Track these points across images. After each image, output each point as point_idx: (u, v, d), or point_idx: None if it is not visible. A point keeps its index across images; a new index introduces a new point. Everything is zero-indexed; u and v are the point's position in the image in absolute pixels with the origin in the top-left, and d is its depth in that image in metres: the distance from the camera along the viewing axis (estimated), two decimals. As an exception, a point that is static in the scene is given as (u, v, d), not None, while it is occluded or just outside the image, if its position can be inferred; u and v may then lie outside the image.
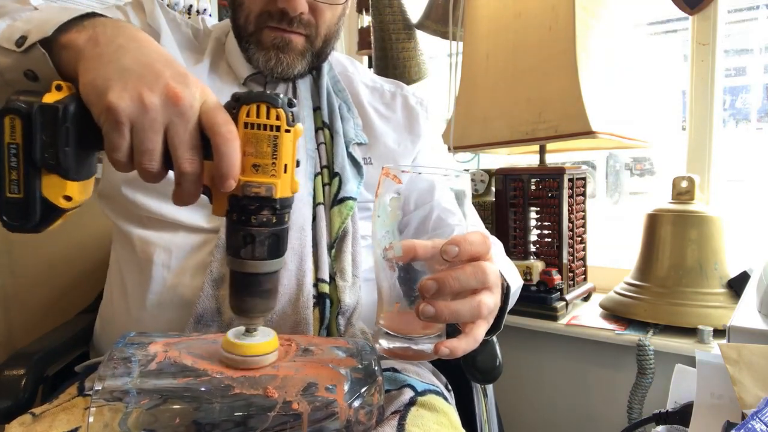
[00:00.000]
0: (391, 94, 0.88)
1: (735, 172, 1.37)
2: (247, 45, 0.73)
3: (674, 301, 1.10)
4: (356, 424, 0.47)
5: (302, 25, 0.71)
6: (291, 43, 0.71)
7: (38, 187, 0.42)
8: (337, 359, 0.51)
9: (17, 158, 0.42)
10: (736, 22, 1.36)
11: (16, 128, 0.41)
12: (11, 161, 0.42)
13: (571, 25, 1.13)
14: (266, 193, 0.45)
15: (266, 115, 0.44)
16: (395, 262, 0.51)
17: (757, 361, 0.63)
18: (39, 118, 0.41)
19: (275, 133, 0.45)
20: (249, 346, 0.48)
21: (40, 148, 0.42)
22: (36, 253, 1.09)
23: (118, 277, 0.75)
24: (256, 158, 0.45)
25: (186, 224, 0.70)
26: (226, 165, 0.43)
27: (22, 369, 0.69)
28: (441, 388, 0.69)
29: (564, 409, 1.27)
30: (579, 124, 1.09)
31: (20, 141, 0.41)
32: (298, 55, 0.73)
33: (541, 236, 1.28)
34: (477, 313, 0.50)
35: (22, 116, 0.41)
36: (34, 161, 0.42)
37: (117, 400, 0.43)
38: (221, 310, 0.66)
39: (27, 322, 1.07)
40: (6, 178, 0.42)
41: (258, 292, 0.48)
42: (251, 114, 0.44)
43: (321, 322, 0.69)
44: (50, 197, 0.43)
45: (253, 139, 0.44)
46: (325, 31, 0.75)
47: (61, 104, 0.42)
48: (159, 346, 0.49)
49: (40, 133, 0.41)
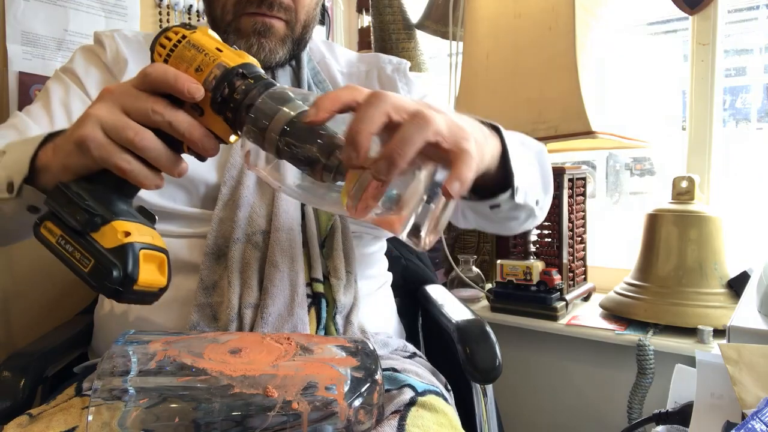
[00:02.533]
0: (366, 74, 0.85)
1: (735, 172, 1.37)
2: (226, 36, 0.72)
3: (674, 301, 1.10)
4: (356, 423, 0.47)
5: (282, 10, 0.70)
6: (272, 28, 0.70)
7: (97, 245, 0.45)
8: (337, 359, 0.51)
9: (67, 242, 0.45)
10: (736, 22, 1.36)
11: (52, 227, 0.46)
12: (67, 248, 0.45)
13: (571, 25, 1.13)
14: (221, 70, 0.46)
15: (169, 39, 0.48)
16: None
17: (757, 361, 0.63)
18: (53, 204, 0.46)
19: (185, 41, 0.48)
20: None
21: (71, 219, 0.45)
22: (36, 253, 1.09)
23: None
24: (191, 65, 0.47)
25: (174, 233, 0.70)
26: (179, 83, 0.45)
27: (21, 369, 0.69)
28: (440, 389, 0.69)
29: (564, 409, 1.27)
30: (579, 124, 1.09)
31: (60, 231, 0.46)
32: (279, 41, 0.72)
33: (541, 236, 1.28)
34: (423, 125, 0.41)
35: (46, 215, 0.47)
36: (78, 232, 0.45)
37: (116, 399, 0.43)
38: (217, 316, 0.66)
39: (27, 322, 1.07)
40: (75, 263, 0.45)
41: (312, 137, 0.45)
42: (162, 47, 0.49)
43: (318, 322, 0.69)
44: (112, 244, 0.45)
45: (177, 58, 0.48)
46: (304, 16, 0.73)
47: (64, 186, 0.47)
48: (158, 344, 0.49)
49: (62, 209, 0.46)
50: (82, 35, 1.13)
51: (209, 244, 0.67)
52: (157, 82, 0.46)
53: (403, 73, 0.85)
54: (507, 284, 1.26)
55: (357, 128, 0.40)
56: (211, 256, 0.67)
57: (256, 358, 0.49)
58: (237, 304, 0.65)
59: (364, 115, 0.41)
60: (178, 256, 0.69)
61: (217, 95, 0.46)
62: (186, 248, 0.70)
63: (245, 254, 0.68)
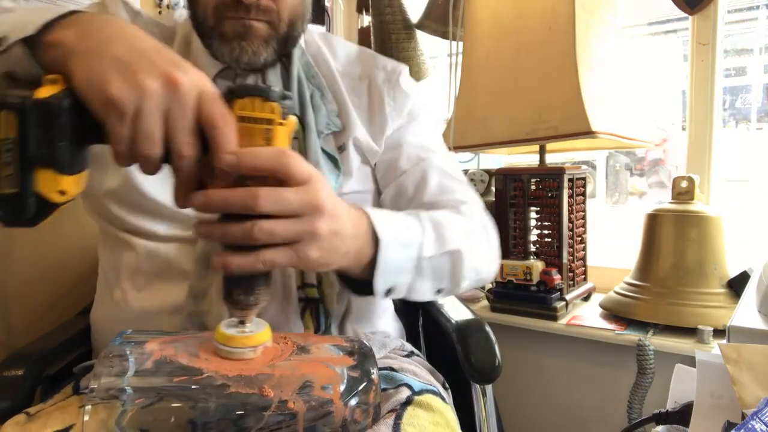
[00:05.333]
0: (358, 78, 0.82)
1: (735, 172, 1.37)
2: (210, 41, 0.70)
3: (674, 301, 1.10)
4: (352, 423, 0.47)
5: (261, 12, 0.68)
6: (252, 29, 0.68)
7: (32, 183, 0.42)
8: (333, 358, 0.51)
9: (11, 153, 0.41)
10: (736, 22, 1.36)
11: (11, 123, 0.41)
12: (5, 157, 0.41)
13: (571, 25, 1.13)
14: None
15: (260, 109, 0.44)
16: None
17: (757, 361, 0.63)
18: (33, 114, 0.41)
19: (269, 127, 0.45)
20: (241, 337, 0.48)
21: (35, 144, 0.41)
22: (36, 253, 1.09)
23: (104, 280, 0.76)
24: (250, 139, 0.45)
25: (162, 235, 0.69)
26: (225, 148, 0.43)
27: (21, 369, 0.69)
28: (438, 388, 0.69)
29: (564, 409, 1.27)
30: (579, 124, 1.09)
31: (15, 136, 0.41)
32: (262, 43, 0.69)
33: (541, 236, 1.27)
34: (247, 233, 0.45)
35: (16, 111, 0.41)
36: (28, 157, 0.41)
37: (113, 399, 0.43)
38: (207, 324, 0.65)
39: (27, 322, 1.07)
40: (1, 174, 0.41)
41: (251, 283, 0.48)
42: (245, 107, 0.44)
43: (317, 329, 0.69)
44: (45, 192, 0.43)
45: (247, 132, 0.44)
46: (289, 15, 0.70)
47: (56, 99, 0.42)
48: (155, 344, 0.49)
49: (35, 128, 0.41)
50: (81, 35, 1.13)
51: (198, 251, 0.66)
52: (218, 133, 0.44)
53: (394, 83, 0.81)
54: (507, 284, 1.26)
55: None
56: (201, 264, 0.66)
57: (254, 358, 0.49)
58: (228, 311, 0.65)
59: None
60: (167, 262, 0.68)
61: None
62: (175, 252, 0.69)
63: None
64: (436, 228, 0.67)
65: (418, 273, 0.65)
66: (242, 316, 0.49)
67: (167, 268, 0.68)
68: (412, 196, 0.78)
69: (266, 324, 0.51)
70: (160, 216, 0.69)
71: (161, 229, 0.69)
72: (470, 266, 0.71)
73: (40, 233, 1.10)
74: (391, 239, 0.60)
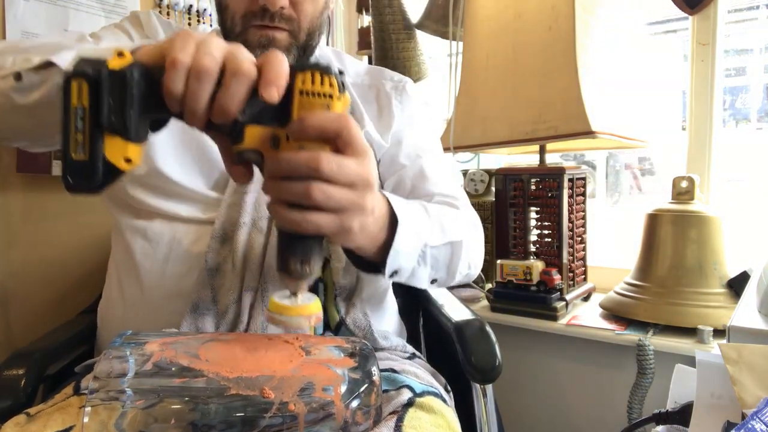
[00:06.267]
0: (368, 87, 0.89)
1: (735, 172, 1.36)
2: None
3: (674, 301, 1.10)
4: (353, 425, 0.47)
5: (284, 21, 0.73)
6: (275, 40, 0.74)
7: (102, 150, 0.44)
8: (335, 359, 0.51)
9: (83, 121, 0.43)
10: (736, 22, 1.36)
11: (83, 92, 0.43)
12: (78, 124, 0.43)
13: (571, 25, 1.13)
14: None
15: (320, 83, 0.46)
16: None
17: (757, 361, 0.63)
18: (107, 83, 0.43)
19: (328, 101, 0.46)
20: (296, 307, 0.50)
21: (108, 112, 0.43)
22: (36, 253, 1.09)
23: (116, 273, 0.78)
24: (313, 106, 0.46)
25: (183, 217, 0.73)
26: (274, 71, 0.44)
27: (21, 369, 0.69)
28: (440, 390, 0.69)
29: (564, 409, 1.27)
30: (579, 124, 1.09)
31: (87, 104, 0.43)
32: (283, 51, 0.74)
33: (541, 236, 1.27)
34: (306, 192, 0.46)
35: (90, 80, 0.43)
36: (100, 124, 0.43)
37: (113, 400, 0.43)
38: (216, 298, 0.69)
39: (27, 322, 1.07)
40: (72, 141, 0.43)
41: (308, 251, 0.49)
42: (306, 82, 0.46)
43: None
44: (113, 159, 0.44)
45: (308, 105, 0.46)
46: (308, 25, 0.76)
47: (128, 70, 0.44)
48: (155, 345, 0.49)
49: (108, 96, 0.43)
50: (81, 36, 1.13)
51: (216, 228, 0.70)
52: (271, 60, 0.45)
53: (401, 90, 0.88)
54: (507, 284, 1.26)
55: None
56: (217, 240, 0.70)
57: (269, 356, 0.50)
58: (239, 286, 0.69)
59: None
60: (182, 245, 0.72)
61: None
62: (193, 235, 0.72)
63: (250, 238, 0.71)
64: (439, 218, 0.72)
65: (422, 259, 0.69)
66: (295, 287, 0.51)
67: (181, 252, 0.72)
68: (410, 189, 0.83)
69: (316, 296, 0.53)
70: (182, 198, 0.73)
71: (182, 211, 0.73)
72: (465, 259, 0.75)
73: (41, 234, 1.11)
74: (407, 225, 0.62)
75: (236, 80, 0.44)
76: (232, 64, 0.44)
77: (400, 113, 0.87)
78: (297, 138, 0.46)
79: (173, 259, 0.71)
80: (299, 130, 0.46)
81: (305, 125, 0.46)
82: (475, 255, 0.80)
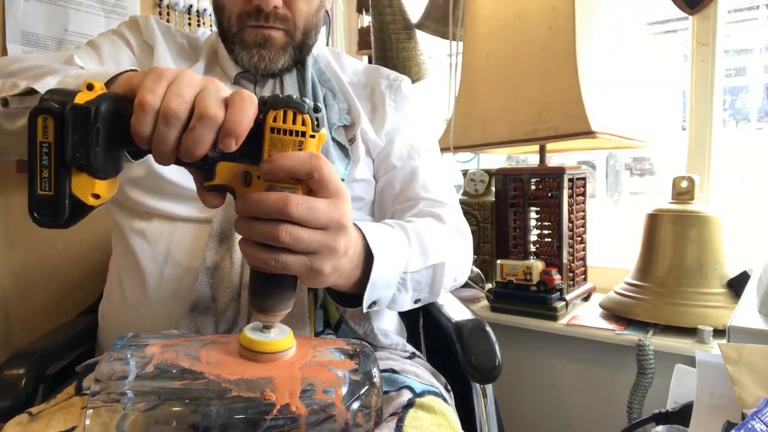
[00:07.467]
0: (364, 86, 0.90)
1: (735, 172, 1.36)
2: (232, 46, 0.77)
3: (674, 301, 1.10)
4: (354, 426, 0.47)
5: (279, 20, 0.75)
6: (270, 39, 0.75)
7: (68, 186, 0.43)
8: (335, 361, 0.51)
9: (48, 157, 0.43)
10: (736, 22, 1.36)
11: (49, 128, 0.43)
12: (43, 160, 0.43)
13: (571, 25, 1.13)
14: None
15: (292, 121, 0.45)
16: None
17: (757, 361, 0.63)
18: (71, 119, 0.42)
19: (300, 139, 0.45)
20: (268, 342, 0.49)
21: (72, 148, 0.43)
22: (36, 253, 1.09)
23: (117, 273, 0.78)
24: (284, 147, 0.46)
25: (181, 216, 0.73)
26: (234, 119, 0.44)
27: (22, 368, 0.69)
28: (440, 389, 0.69)
29: (564, 409, 1.27)
30: (579, 124, 1.09)
31: (52, 140, 0.43)
32: (279, 50, 0.77)
33: (541, 236, 1.27)
34: (273, 234, 0.45)
35: (54, 116, 0.42)
36: (65, 160, 0.43)
37: (114, 402, 0.43)
38: (216, 297, 0.69)
39: (27, 322, 1.07)
40: (37, 176, 0.43)
41: (278, 290, 0.49)
42: (278, 119, 0.45)
43: (315, 302, 0.72)
44: (79, 195, 0.44)
45: (279, 143, 0.45)
46: (303, 24, 0.77)
47: (93, 104, 0.43)
48: (156, 347, 0.49)
49: (72, 133, 0.43)
50: (82, 35, 1.13)
51: (214, 227, 0.71)
52: (236, 102, 0.45)
53: (395, 89, 0.88)
54: (507, 284, 1.26)
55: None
56: (216, 238, 0.70)
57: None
58: (238, 284, 0.69)
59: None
60: (182, 244, 0.72)
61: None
62: (191, 234, 0.72)
63: None
64: (420, 241, 0.70)
65: (402, 286, 0.68)
66: (268, 323, 0.50)
67: (180, 252, 0.72)
68: (399, 191, 0.83)
69: (289, 330, 0.52)
70: (180, 198, 0.73)
71: (180, 210, 0.73)
72: (450, 275, 0.75)
73: (42, 234, 1.11)
74: (383, 258, 0.61)
75: (202, 124, 0.44)
76: (200, 107, 0.44)
77: (394, 112, 0.87)
78: (267, 179, 0.46)
79: (172, 258, 0.72)
80: (268, 171, 0.45)
81: (274, 166, 0.45)
82: (461, 267, 0.79)
